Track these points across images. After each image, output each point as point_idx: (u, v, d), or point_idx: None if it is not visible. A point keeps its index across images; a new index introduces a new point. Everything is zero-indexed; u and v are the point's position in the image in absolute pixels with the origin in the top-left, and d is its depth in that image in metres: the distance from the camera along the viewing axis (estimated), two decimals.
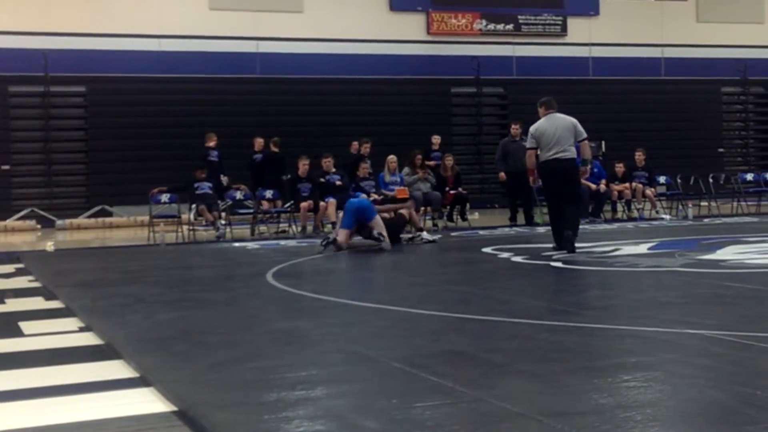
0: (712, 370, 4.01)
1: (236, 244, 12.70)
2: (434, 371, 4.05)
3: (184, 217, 14.38)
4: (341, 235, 10.82)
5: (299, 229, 14.37)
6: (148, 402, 3.83)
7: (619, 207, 16.85)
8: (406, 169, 15.12)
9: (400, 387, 3.86)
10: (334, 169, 14.96)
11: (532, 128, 10.21)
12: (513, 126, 15.14)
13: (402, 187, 14.59)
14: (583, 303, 6.18)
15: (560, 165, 9.76)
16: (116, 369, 4.51)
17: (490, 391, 3.68)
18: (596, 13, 23.09)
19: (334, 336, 5.18)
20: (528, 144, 10.31)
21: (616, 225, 14.77)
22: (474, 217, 16.12)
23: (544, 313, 5.78)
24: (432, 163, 16.13)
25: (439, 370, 4.09)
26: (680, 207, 16.72)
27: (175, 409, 3.68)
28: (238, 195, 15.32)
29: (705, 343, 4.61)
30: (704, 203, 17.30)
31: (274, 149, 16.21)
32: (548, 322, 5.33)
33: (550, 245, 9.91)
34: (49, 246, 12.83)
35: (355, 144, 16.21)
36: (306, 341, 5.07)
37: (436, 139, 17.46)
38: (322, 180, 14.59)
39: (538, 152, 9.95)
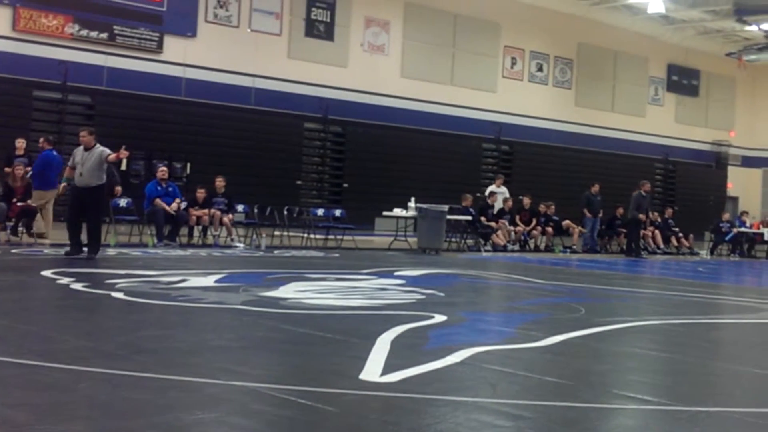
0: None
1: None
2: None
3: None
4: None
5: None
6: None
7: (196, 232, 16.89)
8: None
9: None
10: None
11: (75, 151, 12.48)
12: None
13: None
14: (135, 344, 5.94)
15: (85, 185, 12.17)
16: None
17: None
18: (193, 34, 23.10)
19: None
20: (69, 162, 12.64)
21: (190, 251, 14.76)
22: (40, 230, 15.07)
23: (90, 356, 5.45)
24: (17, 168, 14.87)
25: None
26: (255, 236, 17.17)
27: None
28: None
29: (248, 398, 4.62)
30: (277, 233, 17.96)
31: None
32: (91, 369, 5.01)
33: (120, 271, 9.71)
34: None
35: None
36: None
37: (21, 143, 16.19)
38: None
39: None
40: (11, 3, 20.38)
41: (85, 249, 12.28)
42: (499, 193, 22.13)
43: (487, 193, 22.32)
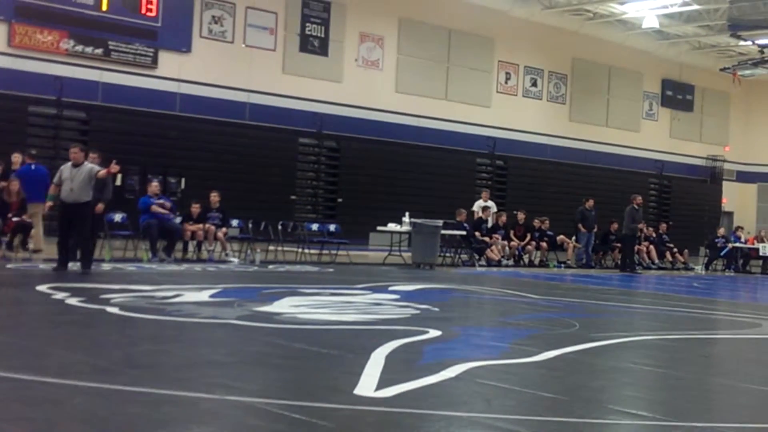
0: None
1: None
2: None
3: None
4: None
5: None
6: None
7: (191, 247, 16.87)
8: None
9: None
10: None
11: (62, 168, 12.58)
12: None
13: None
14: (130, 359, 5.93)
15: (74, 201, 12.23)
16: None
17: None
18: (188, 50, 23.15)
19: None
20: (54, 179, 12.68)
21: (185, 266, 14.74)
22: (31, 245, 15.04)
23: (85, 371, 5.44)
24: (12, 184, 14.88)
25: None
26: (249, 251, 17.16)
27: None
28: None
29: (243, 413, 4.61)
30: (272, 248, 17.95)
31: None
32: (86, 384, 5.01)
33: (115, 286, 9.79)
34: None
35: None
36: None
37: (16, 159, 16.17)
38: None
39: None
40: (7, 19, 20.42)
41: (72, 264, 12.39)
42: (488, 207, 22.14)
43: (477, 208, 22.27)
